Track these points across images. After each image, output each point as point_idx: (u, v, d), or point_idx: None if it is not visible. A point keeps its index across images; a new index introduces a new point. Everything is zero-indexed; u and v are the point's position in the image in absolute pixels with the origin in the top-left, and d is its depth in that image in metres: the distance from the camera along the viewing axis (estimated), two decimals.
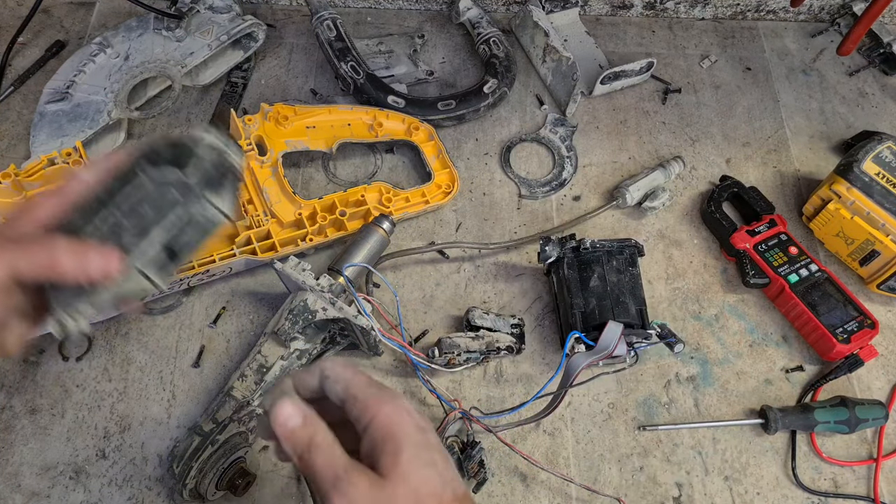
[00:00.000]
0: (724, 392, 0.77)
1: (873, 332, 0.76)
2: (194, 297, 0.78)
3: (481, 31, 0.96)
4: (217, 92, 0.94)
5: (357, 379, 0.43)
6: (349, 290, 0.70)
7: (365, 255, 0.75)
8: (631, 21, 1.06)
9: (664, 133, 0.95)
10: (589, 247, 0.75)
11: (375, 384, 0.43)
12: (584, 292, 0.73)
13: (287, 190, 0.79)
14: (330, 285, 0.70)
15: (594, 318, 0.72)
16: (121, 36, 0.89)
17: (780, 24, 1.08)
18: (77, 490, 0.67)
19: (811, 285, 0.79)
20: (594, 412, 0.74)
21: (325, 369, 0.43)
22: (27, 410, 0.71)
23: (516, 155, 0.92)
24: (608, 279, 0.73)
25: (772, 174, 0.93)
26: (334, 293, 0.69)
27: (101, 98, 0.85)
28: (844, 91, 1.01)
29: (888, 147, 0.79)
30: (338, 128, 0.86)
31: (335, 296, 0.69)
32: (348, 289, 0.71)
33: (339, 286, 0.71)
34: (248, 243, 0.76)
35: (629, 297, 0.73)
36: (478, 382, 0.75)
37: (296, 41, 0.99)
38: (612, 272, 0.74)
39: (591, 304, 0.73)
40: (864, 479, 0.73)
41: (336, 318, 0.68)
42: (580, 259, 0.75)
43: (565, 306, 0.75)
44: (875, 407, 0.73)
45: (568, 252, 0.76)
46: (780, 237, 0.82)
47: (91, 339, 0.75)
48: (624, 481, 0.71)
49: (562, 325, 0.76)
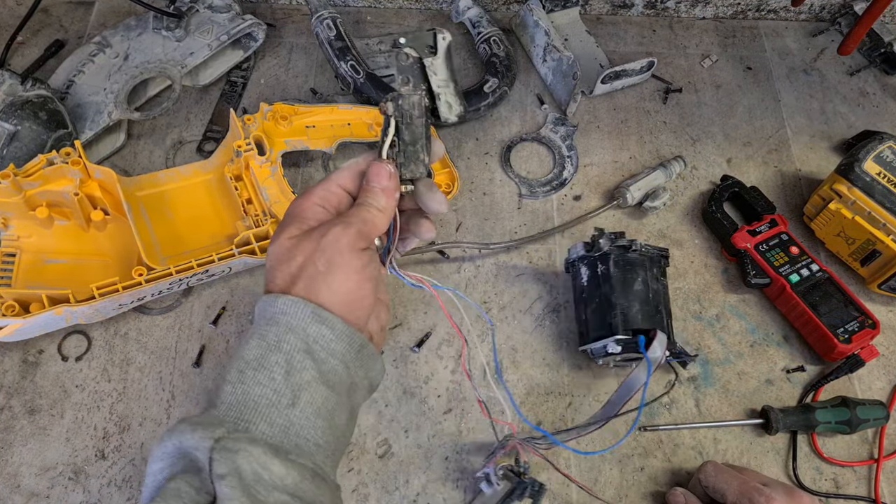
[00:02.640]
0: (725, 392, 0.76)
1: (874, 332, 0.76)
2: (194, 298, 0.78)
3: (481, 30, 0.96)
4: (217, 91, 0.94)
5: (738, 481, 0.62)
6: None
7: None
8: (631, 20, 1.06)
9: (665, 132, 0.95)
10: (639, 248, 0.73)
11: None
12: (627, 294, 0.71)
13: (287, 190, 0.78)
14: None
15: (636, 322, 0.69)
16: (120, 35, 0.89)
17: (781, 24, 1.08)
18: (76, 491, 0.67)
19: (812, 285, 0.78)
20: (595, 412, 0.74)
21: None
22: (26, 411, 0.71)
23: (517, 154, 0.92)
24: (650, 285, 0.72)
25: (773, 174, 0.92)
26: None
27: (101, 98, 0.84)
28: (845, 91, 1.01)
29: (889, 147, 0.79)
30: (338, 127, 0.86)
31: None
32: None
33: None
34: (247, 243, 0.76)
35: (663, 307, 0.72)
36: (478, 383, 0.75)
37: (295, 40, 0.99)
38: (653, 279, 0.72)
39: (633, 308, 0.70)
40: (865, 480, 0.73)
41: None
42: (626, 259, 0.73)
43: (601, 304, 0.72)
44: (876, 407, 0.73)
45: (615, 249, 0.73)
46: (781, 237, 0.82)
47: (90, 338, 0.75)
48: (625, 482, 0.71)
49: (587, 321, 0.74)
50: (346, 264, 0.48)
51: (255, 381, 0.45)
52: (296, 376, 0.45)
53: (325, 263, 0.47)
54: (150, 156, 0.88)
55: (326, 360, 0.47)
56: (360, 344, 0.49)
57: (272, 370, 0.45)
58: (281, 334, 0.46)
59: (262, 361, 0.46)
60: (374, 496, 0.68)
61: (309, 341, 0.46)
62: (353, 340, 0.48)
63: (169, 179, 0.82)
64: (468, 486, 0.69)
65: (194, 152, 0.88)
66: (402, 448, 0.71)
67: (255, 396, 0.44)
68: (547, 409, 0.74)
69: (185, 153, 0.88)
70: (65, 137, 0.79)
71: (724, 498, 0.62)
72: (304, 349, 0.46)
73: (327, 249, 0.47)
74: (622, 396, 0.64)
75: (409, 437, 0.72)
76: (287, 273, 0.48)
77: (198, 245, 0.79)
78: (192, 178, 0.83)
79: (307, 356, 0.46)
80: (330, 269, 0.47)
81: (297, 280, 0.48)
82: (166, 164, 0.87)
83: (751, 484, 0.61)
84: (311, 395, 0.46)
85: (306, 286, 0.47)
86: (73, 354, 0.74)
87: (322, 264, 0.47)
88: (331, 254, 0.47)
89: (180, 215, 0.81)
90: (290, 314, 0.47)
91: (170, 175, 0.82)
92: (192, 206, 0.82)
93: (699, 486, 0.66)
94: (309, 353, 0.46)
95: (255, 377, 0.45)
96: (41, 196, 0.74)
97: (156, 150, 0.88)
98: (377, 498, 0.68)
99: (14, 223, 0.75)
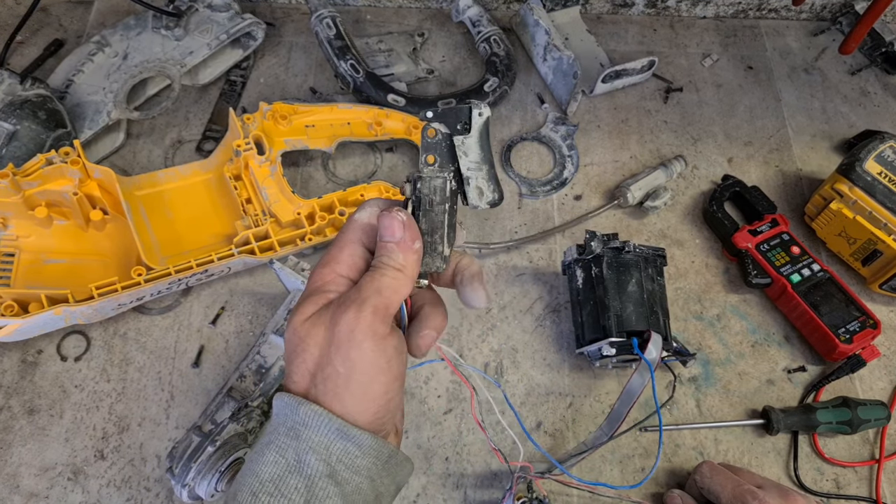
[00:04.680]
0: (726, 393, 0.76)
1: (875, 332, 0.75)
2: (193, 298, 0.78)
3: (482, 30, 0.95)
4: (216, 91, 0.93)
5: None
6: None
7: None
8: (632, 19, 1.06)
9: (666, 132, 0.95)
10: (633, 249, 0.73)
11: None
12: (621, 295, 0.71)
13: (286, 189, 0.78)
14: None
15: (630, 324, 0.69)
16: (119, 35, 0.89)
17: (782, 23, 1.07)
18: (75, 491, 0.67)
19: (813, 285, 0.78)
20: (595, 413, 0.74)
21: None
22: (25, 411, 0.71)
23: (517, 154, 0.91)
24: (644, 286, 0.72)
25: (774, 173, 0.92)
26: None
27: (100, 98, 0.84)
28: (846, 90, 1.01)
29: (890, 146, 0.79)
30: (337, 127, 0.85)
31: None
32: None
33: None
34: (246, 243, 0.76)
35: (659, 307, 0.72)
36: (478, 383, 0.75)
37: (295, 39, 0.99)
38: (648, 280, 0.73)
39: (627, 309, 0.70)
40: (866, 480, 0.73)
41: None
42: (619, 261, 0.73)
43: (596, 306, 0.72)
44: (877, 407, 0.73)
45: (608, 252, 0.73)
46: (782, 237, 0.82)
47: (89, 338, 0.75)
48: (625, 482, 0.70)
49: (583, 324, 0.74)
50: (368, 365, 0.41)
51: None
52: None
53: (344, 363, 0.40)
54: (150, 155, 0.88)
55: (350, 481, 0.41)
56: (387, 455, 0.43)
57: (290, 498, 0.40)
58: (302, 453, 0.41)
59: (279, 485, 0.40)
60: None
61: (332, 461, 0.41)
62: (380, 454, 0.43)
63: (168, 179, 0.82)
64: (468, 486, 0.69)
65: (193, 152, 0.88)
66: (402, 448, 0.71)
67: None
68: (547, 409, 0.74)
69: (184, 153, 0.88)
70: (64, 137, 0.79)
71: (718, 500, 0.62)
72: (327, 473, 0.40)
73: (343, 345, 0.40)
74: (625, 403, 0.64)
75: (408, 438, 0.71)
76: (304, 370, 0.42)
77: (197, 245, 0.79)
78: (191, 178, 0.83)
79: (330, 481, 0.40)
80: (351, 373, 0.40)
81: (316, 381, 0.41)
82: (165, 164, 0.87)
83: (744, 486, 0.61)
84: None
85: (327, 390, 0.41)
86: (72, 354, 0.74)
87: (341, 364, 0.40)
88: (347, 351, 0.40)
89: (179, 215, 0.81)
90: (313, 428, 0.41)
91: (169, 175, 0.82)
92: (192, 206, 0.81)
93: (695, 487, 0.66)
94: (332, 477, 0.41)
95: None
96: (40, 196, 0.73)
97: (155, 149, 0.88)
98: None
99: (13, 223, 0.74)
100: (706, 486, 0.64)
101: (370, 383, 0.41)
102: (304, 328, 0.42)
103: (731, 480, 0.63)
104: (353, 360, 0.40)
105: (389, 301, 0.42)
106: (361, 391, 0.41)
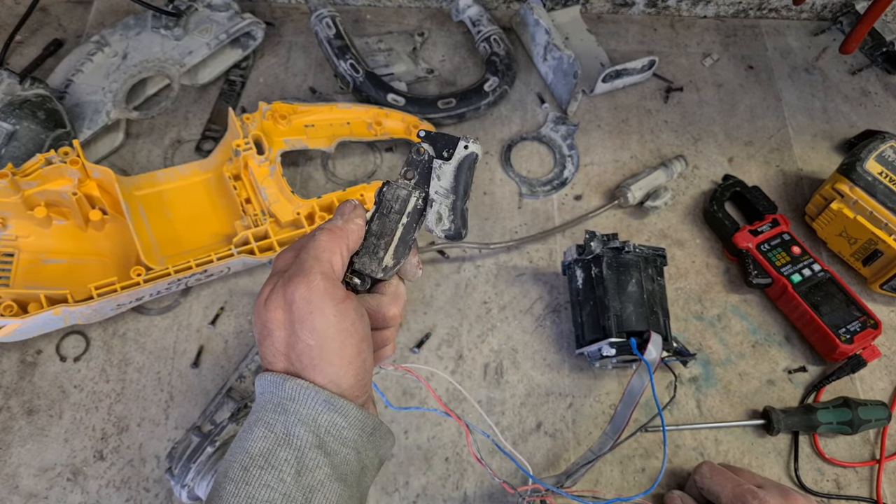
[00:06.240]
0: (727, 393, 0.76)
1: (876, 332, 0.75)
2: (192, 298, 0.78)
3: (482, 29, 0.95)
4: (215, 90, 0.93)
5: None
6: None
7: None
8: (632, 19, 1.06)
9: (666, 132, 0.95)
10: (633, 249, 0.73)
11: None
12: (620, 296, 0.71)
13: (285, 189, 0.78)
14: None
15: (630, 324, 0.69)
16: (118, 34, 0.88)
17: (783, 23, 1.07)
18: (75, 491, 0.67)
19: (814, 285, 0.78)
20: (596, 413, 0.74)
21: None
22: (24, 411, 0.71)
23: (517, 154, 0.91)
24: (644, 286, 0.72)
25: (774, 173, 0.92)
26: None
27: (100, 98, 0.84)
28: (847, 90, 1.00)
29: (891, 146, 0.79)
30: (337, 126, 0.85)
31: None
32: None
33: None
34: (245, 243, 0.76)
35: (659, 307, 0.72)
36: (478, 384, 0.75)
37: (294, 39, 0.99)
38: (648, 280, 0.72)
39: (627, 310, 0.70)
40: (866, 481, 0.72)
41: None
42: (619, 261, 0.73)
43: (595, 307, 0.72)
44: (878, 408, 0.73)
45: (608, 252, 0.73)
46: (782, 237, 0.82)
47: (88, 339, 0.75)
48: (626, 483, 0.70)
49: (583, 324, 0.74)
50: (335, 330, 0.42)
51: (262, 483, 0.40)
52: (307, 476, 0.41)
53: (312, 334, 0.42)
54: (149, 155, 0.88)
55: (339, 451, 0.42)
56: (372, 427, 0.44)
57: (281, 469, 0.40)
58: (290, 426, 0.41)
59: (269, 458, 0.41)
60: (374, 497, 0.68)
61: (321, 433, 0.42)
62: (365, 425, 0.44)
63: (167, 179, 0.82)
64: (468, 487, 0.69)
65: (193, 152, 0.88)
66: (402, 449, 0.71)
67: (262, 502, 0.40)
68: (547, 409, 0.74)
69: (183, 152, 0.88)
70: (63, 137, 0.79)
71: (718, 500, 0.62)
72: (316, 444, 0.41)
73: (305, 319, 0.41)
74: (627, 406, 0.64)
75: (408, 439, 0.71)
76: (275, 351, 0.43)
77: (196, 245, 0.79)
78: (190, 178, 0.83)
79: (319, 451, 0.41)
80: (322, 342, 0.42)
81: (291, 359, 0.43)
82: (165, 164, 0.87)
83: (744, 486, 0.61)
84: (323, 496, 0.41)
85: (304, 365, 0.42)
86: (71, 355, 0.74)
87: (309, 337, 0.42)
88: (312, 322, 0.41)
89: (179, 215, 0.80)
90: (300, 401, 0.41)
91: (168, 174, 0.82)
92: (191, 206, 0.81)
93: (695, 488, 0.66)
94: (321, 448, 0.42)
95: (262, 478, 0.40)
96: (39, 196, 0.73)
97: (154, 149, 0.88)
98: (376, 499, 0.68)
99: (12, 223, 0.74)
100: (706, 487, 0.64)
101: (343, 347, 0.42)
102: (264, 312, 0.43)
103: (731, 480, 0.62)
104: (319, 330, 0.42)
105: (331, 261, 0.44)
106: (337, 357, 0.42)
